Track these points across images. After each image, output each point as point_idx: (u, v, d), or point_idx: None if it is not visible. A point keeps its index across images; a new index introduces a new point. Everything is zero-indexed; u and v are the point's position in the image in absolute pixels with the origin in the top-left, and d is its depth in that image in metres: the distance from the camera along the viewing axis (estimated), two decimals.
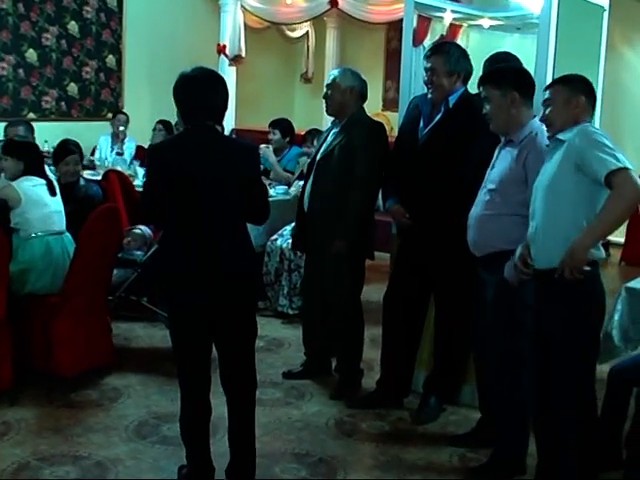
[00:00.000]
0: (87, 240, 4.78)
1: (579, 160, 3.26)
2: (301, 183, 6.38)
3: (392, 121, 10.08)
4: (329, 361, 5.17)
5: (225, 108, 3.52)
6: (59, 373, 4.79)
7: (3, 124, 7.71)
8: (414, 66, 5.06)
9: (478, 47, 8.15)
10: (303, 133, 7.81)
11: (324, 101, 4.90)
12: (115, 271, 5.38)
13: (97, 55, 9.56)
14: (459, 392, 4.78)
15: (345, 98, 4.80)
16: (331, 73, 4.98)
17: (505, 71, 4.00)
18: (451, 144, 4.27)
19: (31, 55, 8.91)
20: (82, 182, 5.54)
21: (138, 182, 7.28)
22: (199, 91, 3.41)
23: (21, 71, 8.84)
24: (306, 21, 10.40)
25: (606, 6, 4.97)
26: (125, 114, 8.97)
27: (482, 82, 3.91)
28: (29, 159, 4.93)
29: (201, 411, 3.66)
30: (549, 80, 4.47)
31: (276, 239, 6.40)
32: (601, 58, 4.98)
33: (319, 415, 4.67)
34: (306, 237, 4.93)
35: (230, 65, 10.12)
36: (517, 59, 4.99)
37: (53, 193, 4.94)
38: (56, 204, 4.97)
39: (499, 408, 4.07)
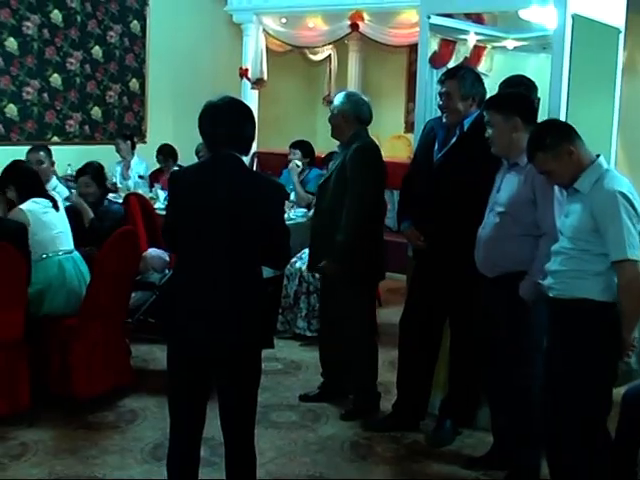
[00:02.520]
0: (104, 263, 4.84)
1: (600, 225, 3.33)
2: None
3: (414, 143, 10.10)
4: (345, 384, 5.16)
5: (251, 139, 3.36)
6: (76, 395, 4.84)
7: (28, 148, 7.83)
8: (435, 88, 5.06)
9: (503, 68, 8.13)
10: (323, 156, 7.86)
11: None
12: (134, 294, 5.43)
13: (121, 79, 9.66)
14: (475, 415, 4.76)
15: (338, 121, 4.86)
16: (334, 98, 5.04)
17: (507, 97, 4.13)
18: (466, 168, 4.28)
19: (55, 80, 9.00)
20: (106, 202, 5.63)
21: (159, 205, 7.34)
22: (223, 120, 3.29)
23: (45, 95, 8.93)
24: (327, 44, 10.45)
25: (622, 28, 4.96)
26: (127, 137, 9.01)
27: (485, 107, 4.01)
28: (21, 184, 5.03)
29: (189, 459, 3.45)
30: (564, 101, 4.50)
31: (295, 262, 6.42)
32: (617, 80, 4.96)
33: (335, 438, 4.67)
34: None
35: (252, 88, 10.20)
36: (532, 82, 5.01)
37: (57, 209, 5.04)
38: (62, 224, 5.06)
39: (511, 426, 4.09)
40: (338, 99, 4.91)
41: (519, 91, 4.36)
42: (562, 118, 4.48)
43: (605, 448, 3.58)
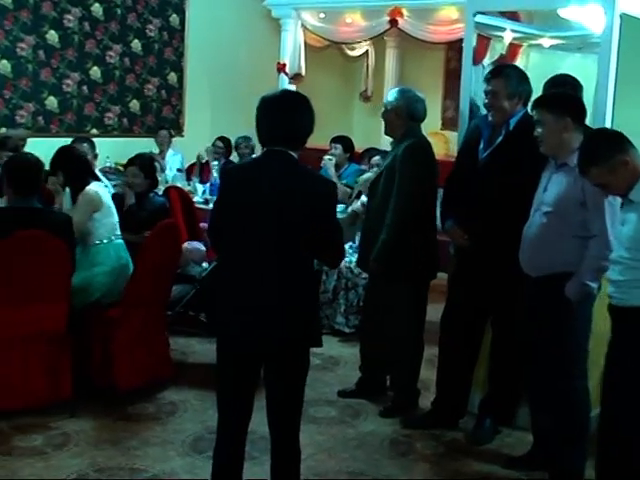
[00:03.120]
0: (148, 253, 4.87)
1: None
2: (359, 204, 6.44)
3: (451, 140, 10.08)
4: (385, 380, 5.16)
5: (305, 133, 3.27)
6: (117, 386, 4.86)
7: (68, 139, 7.90)
8: (473, 85, 5.05)
9: (538, 67, 8.08)
10: (361, 151, 7.87)
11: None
12: (174, 287, 5.46)
13: (159, 73, 9.69)
14: (514, 414, 4.74)
15: (390, 118, 4.85)
16: (388, 94, 5.00)
17: (559, 96, 4.08)
18: (511, 167, 4.26)
19: (95, 72, 9.05)
20: (151, 194, 5.69)
21: (197, 198, 7.40)
22: (275, 115, 3.23)
23: (85, 88, 8.99)
24: (366, 40, 10.43)
25: None
26: (167, 129, 9.12)
27: (536, 106, 3.97)
28: (71, 169, 5.11)
29: (235, 454, 3.45)
30: (610, 102, 4.47)
31: None
32: None
33: (374, 434, 4.66)
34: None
35: (290, 83, 10.19)
36: (577, 82, 4.96)
37: None
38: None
39: (554, 427, 4.07)
40: (392, 95, 4.88)
41: (568, 91, 4.32)
42: (608, 120, 4.47)
43: None
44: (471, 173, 4.45)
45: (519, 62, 7.88)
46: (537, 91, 4.49)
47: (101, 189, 5.08)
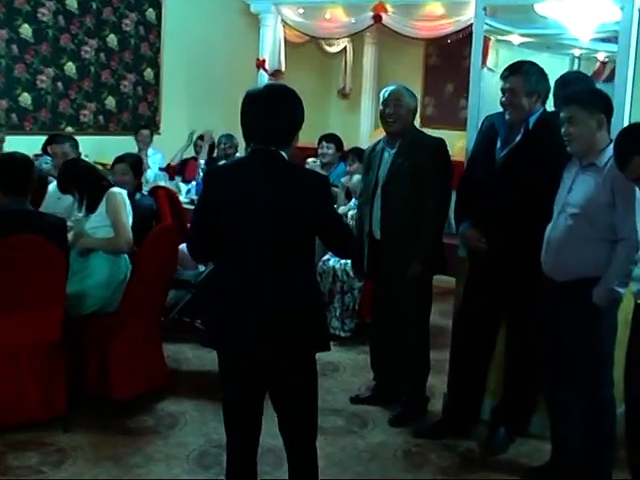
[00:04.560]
0: (146, 259, 4.65)
1: None
2: (346, 207, 6.27)
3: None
4: (398, 387, 4.99)
5: (294, 129, 3.11)
6: (114, 398, 4.65)
7: (42, 137, 7.62)
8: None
9: (507, 64, 7.97)
10: (346, 151, 7.70)
11: (385, 119, 4.71)
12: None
13: (135, 69, 9.40)
14: (529, 422, 4.58)
15: (410, 119, 4.71)
16: (392, 90, 4.74)
17: (593, 93, 3.90)
18: (532, 166, 4.10)
19: (70, 68, 8.74)
20: (138, 196, 5.41)
21: (182, 198, 7.17)
22: (261, 111, 3.05)
23: (60, 84, 8.68)
24: (348, 36, 10.23)
25: None
26: (147, 128, 8.87)
27: (568, 102, 3.78)
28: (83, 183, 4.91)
29: (248, 470, 3.29)
30: (628, 99, 4.34)
31: (328, 259, 6.23)
32: None
33: (385, 445, 4.49)
34: (377, 262, 4.77)
35: (269, 80, 9.97)
36: (590, 79, 4.86)
37: None
38: None
39: (580, 436, 3.92)
40: (409, 94, 4.74)
41: (593, 88, 4.17)
42: (626, 117, 4.34)
43: None
44: (487, 173, 4.28)
45: (490, 59, 7.73)
46: None
47: (123, 191, 4.87)
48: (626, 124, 4.19)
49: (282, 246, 3.01)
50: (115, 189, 4.87)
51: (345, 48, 11.13)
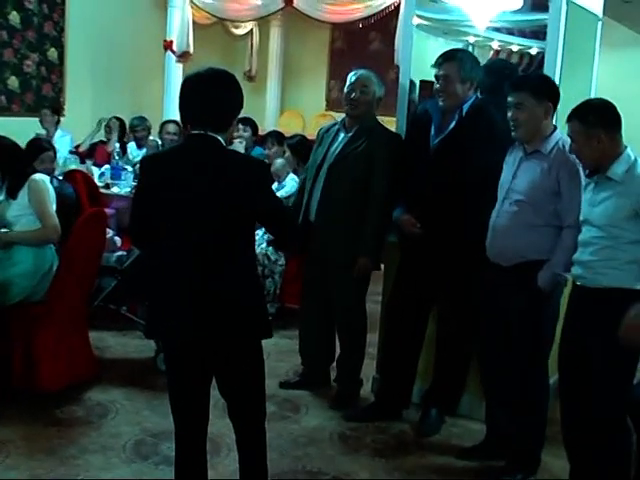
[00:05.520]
0: (74, 247, 4.53)
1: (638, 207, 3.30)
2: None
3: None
4: (328, 371, 5.03)
5: (233, 113, 3.08)
6: (42, 388, 4.53)
7: None
8: None
9: None
10: (264, 134, 7.68)
11: (348, 102, 4.68)
12: None
13: (39, 48, 9.13)
14: (458, 403, 4.69)
15: (373, 106, 4.69)
16: (361, 75, 4.72)
17: (542, 80, 3.94)
18: (465, 152, 4.17)
19: None
20: (56, 182, 5.24)
21: (97, 182, 6.99)
22: (198, 94, 3.02)
23: None
24: (258, 19, 10.17)
25: (600, 15, 4.96)
26: (49, 109, 8.59)
27: (517, 88, 3.80)
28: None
29: (198, 459, 3.27)
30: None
31: None
32: (594, 68, 4.97)
33: (320, 429, 4.52)
34: (309, 244, 4.73)
35: (177, 62, 9.85)
36: (515, 67, 4.96)
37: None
38: None
39: (516, 418, 4.03)
40: (378, 82, 4.71)
41: (542, 74, 4.18)
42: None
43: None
44: (422, 159, 4.33)
45: None
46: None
47: (46, 177, 4.68)
48: None
49: (221, 232, 2.99)
50: (37, 176, 4.69)
51: (251, 30, 11.09)
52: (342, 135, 4.70)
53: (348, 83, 4.71)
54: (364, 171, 4.51)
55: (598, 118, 3.42)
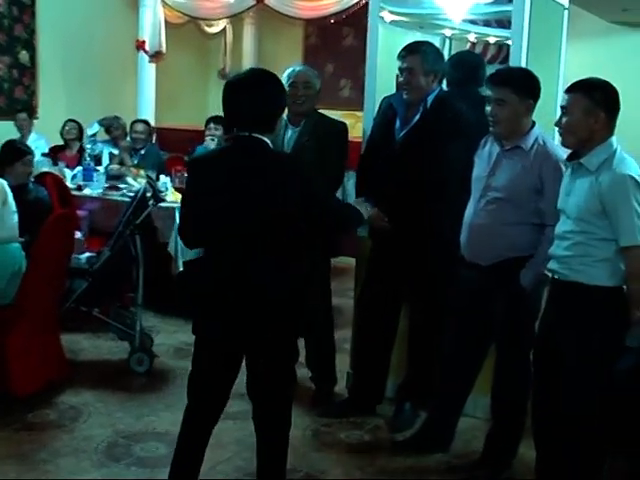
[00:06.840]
0: (43, 248, 4.50)
1: (608, 208, 3.23)
2: None
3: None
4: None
5: (276, 113, 3.19)
6: (13, 392, 4.49)
7: None
8: None
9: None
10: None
11: (294, 100, 4.64)
12: None
13: (10, 51, 9.04)
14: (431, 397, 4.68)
15: (314, 101, 4.71)
16: (300, 72, 4.69)
17: (528, 77, 3.81)
18: (431, 145, 4.16)
19: None
20: (31, 185, 5.20)
21: (68, 184, 6.95)
22: (244, 97, 3.09)
23: None
24: (230, 17, 10.12)
25: (567, 4, 4.96)
26: (24, 111, 8.57)
27: (499, 83, 3.71)
28: None
29: (194, 460, 3.39)
30: None
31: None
32: (562, 57, 4.97)
33: (294, 426, 4.37)
34: None
35: (150, 62, 9.80)
36: (483, 61, 4.95)
37: None
38: None
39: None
40: (312, 75, 4.71)
41: (525, 69, 4.13)
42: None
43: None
44: (388, 153, 4.32)
45: None
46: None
47: (4, 181, 4.63)
48: None
49: (269, 234, 3.09)
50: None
51: (225, 29, 11.04)
52: (290, 131, 4.67)
53: (289, 81, 4.59)
54: (317, 164, 4.48)
55: (604, 97, 3.32)
